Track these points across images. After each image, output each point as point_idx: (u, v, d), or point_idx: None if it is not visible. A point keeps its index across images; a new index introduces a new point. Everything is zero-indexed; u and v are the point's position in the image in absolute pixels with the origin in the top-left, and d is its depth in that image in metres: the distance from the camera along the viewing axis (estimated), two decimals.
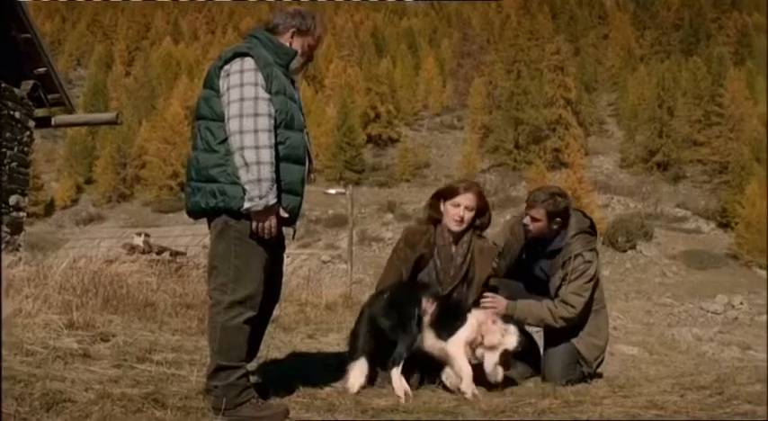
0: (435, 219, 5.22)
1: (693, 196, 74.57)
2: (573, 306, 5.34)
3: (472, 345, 4.90)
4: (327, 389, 4.71)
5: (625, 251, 60.91)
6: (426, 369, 5.08)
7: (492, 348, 4.89)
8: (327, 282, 11.57)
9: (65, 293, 6.19)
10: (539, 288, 5.55)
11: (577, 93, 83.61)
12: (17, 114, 12.14)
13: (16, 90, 12.18)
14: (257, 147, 3.82)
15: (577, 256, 5.40)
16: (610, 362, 5.52)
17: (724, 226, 66.97)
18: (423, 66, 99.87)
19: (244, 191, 3.87)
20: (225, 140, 3.92)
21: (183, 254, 15.58)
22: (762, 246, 59.04)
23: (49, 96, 12.78)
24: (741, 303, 47.23)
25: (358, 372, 4.78)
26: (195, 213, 4.13)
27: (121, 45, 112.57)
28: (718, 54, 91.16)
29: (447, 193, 5.20)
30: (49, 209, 76.92)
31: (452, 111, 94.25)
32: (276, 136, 3.95)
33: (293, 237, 4.42)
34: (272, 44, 4.17)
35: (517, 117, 79.72)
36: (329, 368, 5.36)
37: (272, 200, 3.86)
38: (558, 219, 5.45)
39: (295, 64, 4.26)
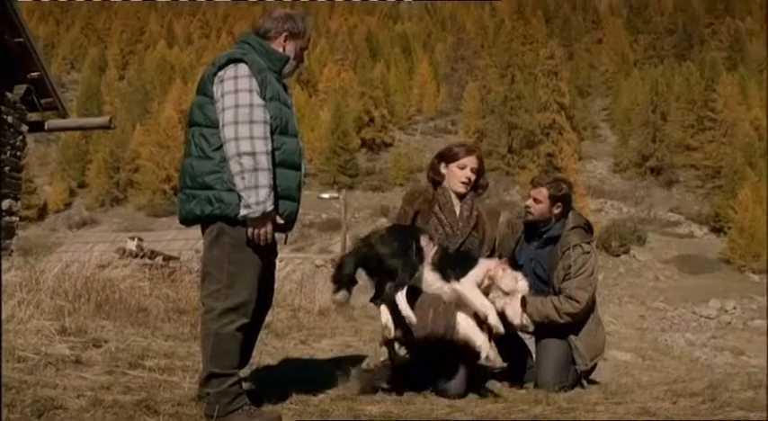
0: (436, 181, 5.27)
1: (686, 201, 74.69)
2: (578, 301, 5.36)
3: (482, 289, 4.84)
4: (320, 395, 4.71)
5: (618, 255, 61.02)
6: (416, 377, 5.06)
7: (509, 294, 4.86)
8: (321, 286, 11.53)
9: (57, 298, 6.17)
10: (535, 281, 5.53)
11: (571, 97, 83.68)
12: (10, 119, 12.11)
13: (9, 94, 12.16)
14: (254, 154, 3.81)
15: (576, 247, 5.44)
16: (603, 368, 5.54)
17: (717, 230, 67.09)
18: (417, 70, 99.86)
19: (239, 197, 3.86)
20: (220, 147, 3.91)
21: (177, 258, 15.55)
22: (754, 251, 59.17)
23: (43, 101, 12.74)
24: (734, 308, 47.36)
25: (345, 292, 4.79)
26: (189, 221, 4.11)
27: (115, 49, 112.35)
28: (711, 59, 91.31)
29: (451, 156, 5.25)
30: (42, 212, 76.73)
31: (446, 116, 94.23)
32: (272, 142, 3.94)
33: (285, 242, 4.41)
34: (264, 50, 4.16)
35: (511, 121, 79.78)
36: (322, 374, 5.36)
37: (269, 206, 3.86)
38: (560, 204, 5.54)
39: (288, 68, 4.27)
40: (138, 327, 6.21)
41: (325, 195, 39.47)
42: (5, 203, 12.06)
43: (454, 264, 4.83)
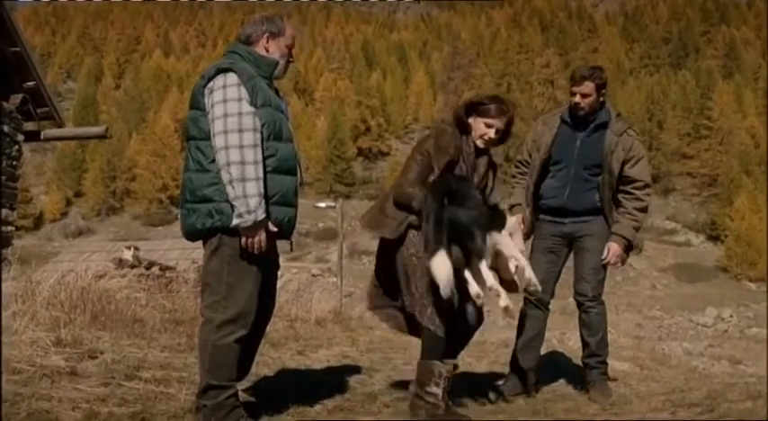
0: (463, 127, 4.90)
1: (683, 209, 74.84)
2: (650, 185, 5.48)
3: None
4: (317, 406, 4.68)
5: (615, 263, 61.00)
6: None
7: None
8: (317, 296, 11.50)
9: (52, 309, 6.12)
10: (582, 168, 5.47)
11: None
12: (6, 128, 12.06)
13: (5, 104, 12.11)
14: (243, 163, 3.80)
15: (630, 130, 5.46)
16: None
17: (713, 239, 67.25)
18: (413, 79, 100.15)
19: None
20: None
21: (173, 268, 15.49)
22: (751, 259, 59.27)
23: (39, 110, 12.68)
24: (731, 316, 47.36)
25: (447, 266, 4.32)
26: (193, 234, 4.09)
27: (111, 58, 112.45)
28: (706, 67, 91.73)
29: (482, 111, 4.87)
30: (38, 222, 76.70)
31: None
32: (265, 149, 3.94)
33: (291, 250, 4.40)
34: (252, 57, 4.16)
35: None
36: (319, 385, 5.33)
37: (260, 215, 3.84)
38: (604, 91, 5.48)
39: (278, 71, 4.27)
40: (134, 338, 6.16)
41: (322, 204, 39.48)
42: (2, 213, 12.02)
43: (491, 218, 4.63)
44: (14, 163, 12.34)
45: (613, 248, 5.42)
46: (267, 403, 4.52)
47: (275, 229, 4.01)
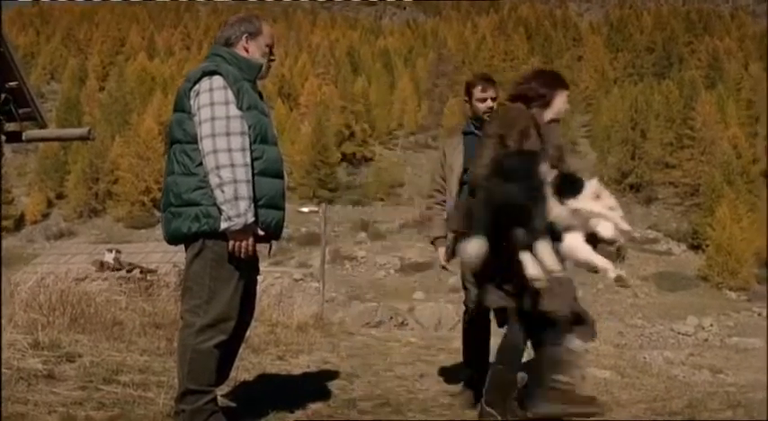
0: (540, 100, 4.83)
1: (665, 218, 75.18)
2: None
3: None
4: (298, 411, 4.65)
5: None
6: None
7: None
8: (299, 301, 11.42)
9: (31, 312, 6.07)
10: None
11: None
12: None
13: None
14: (233, 166, 3.76)
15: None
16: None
17: (695, 248, 67.54)
18: (398, 85, 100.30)
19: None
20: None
21: (154, 271, 15.45)
22: (732, 268, 59.61)
23: (21, 111, 12.55)
24: (711, 325, 47.58)
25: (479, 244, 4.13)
26: (177, 239, 4.03)
27: (96, 59, 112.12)
28: (689, 78, 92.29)
29: (563, 83, 5.13)
30: (19, 223, 76.24)
31: (427, 131, 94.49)
32: (252, 152, 3.90)
33: (269, 254, 4.36)
34: (236, 60, 4.12)
35: None
36: (299, 391, 5.30)
37: (250, 218, 3.80)
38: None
39: (262, 72, 4.24)
40: (113, 342, 6.11)
41: (305, 209, 39.41)
42: None
43: (569, 185, 4.43)
44: None
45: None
46: (246, 408, 4.49)
47: (262, 233, 3.97)
